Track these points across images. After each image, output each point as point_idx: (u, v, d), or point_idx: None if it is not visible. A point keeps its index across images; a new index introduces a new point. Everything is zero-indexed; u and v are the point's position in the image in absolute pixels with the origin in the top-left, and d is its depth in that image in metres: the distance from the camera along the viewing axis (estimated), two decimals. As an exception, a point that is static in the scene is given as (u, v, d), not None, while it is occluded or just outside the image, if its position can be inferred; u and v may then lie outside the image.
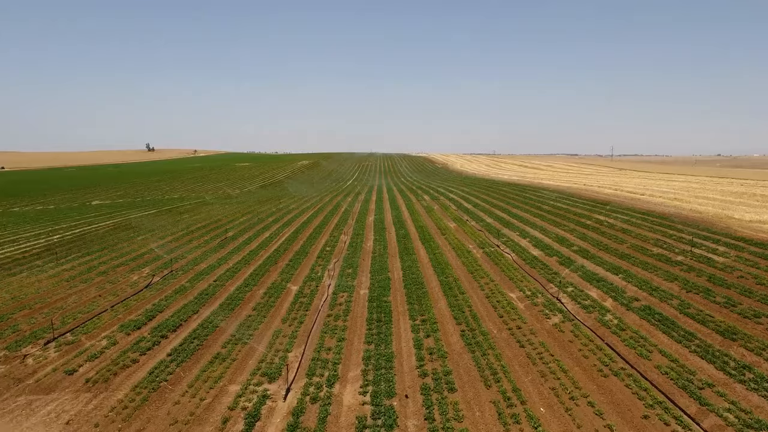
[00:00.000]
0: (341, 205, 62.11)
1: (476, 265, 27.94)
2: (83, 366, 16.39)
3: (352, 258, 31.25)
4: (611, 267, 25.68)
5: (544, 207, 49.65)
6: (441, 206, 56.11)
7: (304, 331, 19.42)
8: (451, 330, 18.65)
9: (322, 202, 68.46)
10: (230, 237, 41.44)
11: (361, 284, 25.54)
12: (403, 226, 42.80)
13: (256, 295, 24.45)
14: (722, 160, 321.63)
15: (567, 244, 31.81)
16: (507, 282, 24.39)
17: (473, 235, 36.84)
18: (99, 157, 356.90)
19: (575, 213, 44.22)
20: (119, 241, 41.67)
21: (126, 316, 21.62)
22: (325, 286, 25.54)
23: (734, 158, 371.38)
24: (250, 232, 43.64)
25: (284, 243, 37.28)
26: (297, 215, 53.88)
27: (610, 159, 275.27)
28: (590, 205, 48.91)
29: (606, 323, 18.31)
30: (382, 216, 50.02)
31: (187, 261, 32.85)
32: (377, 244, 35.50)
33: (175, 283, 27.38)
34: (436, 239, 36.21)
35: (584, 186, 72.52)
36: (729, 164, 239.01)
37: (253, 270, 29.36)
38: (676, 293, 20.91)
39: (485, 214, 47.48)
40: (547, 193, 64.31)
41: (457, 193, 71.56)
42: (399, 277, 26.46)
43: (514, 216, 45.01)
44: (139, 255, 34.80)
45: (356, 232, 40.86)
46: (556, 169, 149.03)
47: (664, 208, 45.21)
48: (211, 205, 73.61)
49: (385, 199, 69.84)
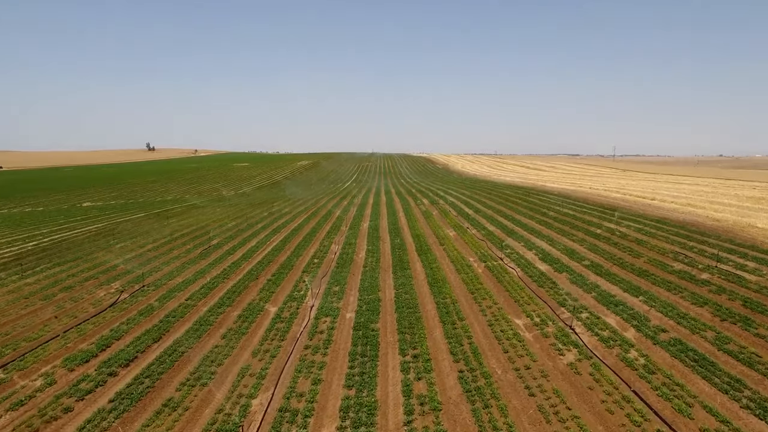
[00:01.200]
0: (336, 210, 59.32)
1: (477, 282, 25.11)
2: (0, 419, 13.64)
3: (341, 273, 28.44)
4: (629, 286, 22.82)
5: (549, 213, 46.77)
6: (440, 211, 53.27)
7: (276, 367, 16.63)
8: (447, 369, 15.84)
9: (317, 206, 65.68)
10: (214, 245, 38.70)
11: (347, 306, 22.72)
12: (398, 235, 39.97)
13: (229, 319, 21.67)
14: (724, 161, 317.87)
15: (577, 258, 28.95)
16: (512, 305, 21.55)
17: (474, 246, 34.00)
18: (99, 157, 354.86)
19: (583, 220, 41.33)
20: (96, 250, 38.95)
21: (76, 345, 18.87)
22: (307, 307, 22.74)
23: (736, 159, 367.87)
24: (237, 239, 40.89)
25: (270, 253, 34.50)
26: (289, 220, 51.11)
27: (612, 159, 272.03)
28: (598, 211, 46.03)
29: (631, 363, 15.47)
30: (378, 222, 47.20)
31: (163, 274, 30.11)
32: (370, 255, 32.68)
33: (143, 301, 24.62)
34: (434, 250, 33.38)
35: (590, 189, 69.60)
36: (731, 165, 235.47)
37: (231, 286, 26.59)
38: (709, 322, 18.05)
39: (487, 221, 44.62)
40: (552, 197, 61.42)
41: (457, 197, 68.69)
42: (391, 297, 23.64)
43: (518, 223, 42.14)
44: (113, 266, 32.06)
45: (348, 240, 38.05)
46: (558, 170, 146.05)
47: (678, 214, 42.32)
48: (201, 208, 70.91)
49: (382, 202, 67.02)
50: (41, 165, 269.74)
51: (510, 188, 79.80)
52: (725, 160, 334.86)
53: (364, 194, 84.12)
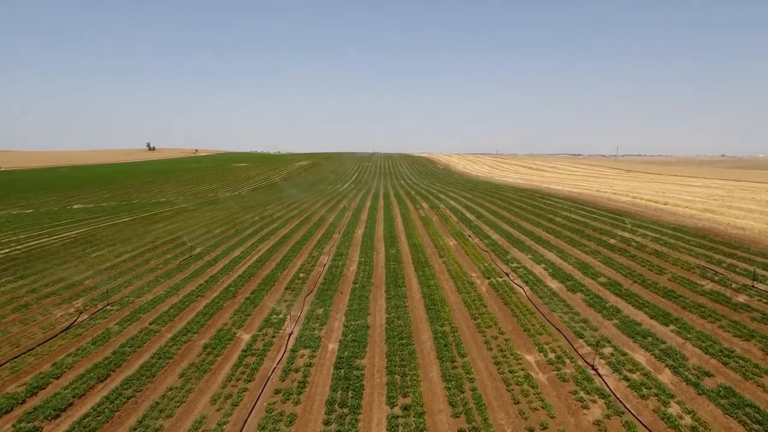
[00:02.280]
0: (330, 215, 56.33)
1: (481, 304, 22.08)
2: None
3: (328, 291, 25.43)
4: (656, 311, 19.77)
5: (556, 219, 43.69)
6: (440, 217, 50.21)
7: (237, 421, 13.65)
8: (445, 427, 12.83)
9: (312, 210, 62.72)
10: (196, 255, 35.77)
11: (331, 334, 19.73)
12: (394, 244, 36.93)
13: (194, 350, 18.71)
14: (727, 161, 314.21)
15: (592, 274, 25.90)
16: (521, 335, 18.53)
17: (477, 258, 30.96)
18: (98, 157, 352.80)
19: (594, 228, 38.24)
20: (69, 260, 36.08)
21: (4, 387, 15.92)
22: (285, 335, 19.76)
23: (739, 159, 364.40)
24: (221, 248, 37.95)
25: (253, 265, 31.53)
26: (280, 226, 48.16)
27: (615, 160, 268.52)
28: (609, 218, 42.93)
29: (674, 422, 12.43)
30: (373, 229, 44.18)
31: (133, 289, 27.20)
32: (362, 269, 29.68)
33: (101, 324, 21.68)
34: (433, 263, 30.36)
35: (597, 192, 66.45)
36: (735, 165, 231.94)
37: (203, 306, 23.63)
38: (763, 363, 15.02)
39: (490, 228, 41.56)
40: (558, 200, 58.30)
41: (458, 200, 65.63)
42: (381, 323, 20.64)
43: (524, 231, 39.05)
44: (80, 281, 29.14)
45: (340, 251, 35.04)
46: (561, 170, 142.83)
47: (697, 221, 39.22)
48: (191, 212, 68.03)
49: (379, 206, 64.01)
50: (40, 165, 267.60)
51: (513, 190, 76.71)
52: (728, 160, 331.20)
53: (362, 197, 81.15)
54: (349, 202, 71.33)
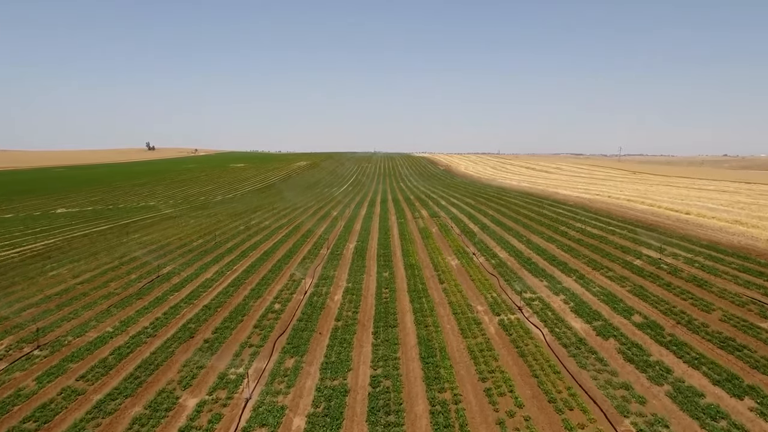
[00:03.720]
0: (322, 223, 51.99)
1: (490, 356, 17.67)
2: None
3: (305, 330, 21.05)
4: (720, 373, 15.30)
5: (570, 233, 39.24)
6: (441, 228, 45.80)
7: None
8: None
9: (303, 216, 58.39)
10: (163, 276, 31.46)
11: (299, 401, 15.34)
12: (388, 263, 32.52)
13: (119, 424, 14.34)
14: (730, 161, 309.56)
15: (623, 310, 21.46)
16: (545, 408, 14.12)
17: (483, 285, 26.54)
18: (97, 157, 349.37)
19: (615, 244, 33.78)
20: (18, 281, 31.81)
21: None
22: (240, 400, 15.39)
23: (741, 159, 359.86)
24: (194, 266, 33.64)
25: (224, 292, 27.19)
26: (264, 238, 43.83)
27: (618, 160, 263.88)
28: (629, 230, 38.48)
29: None
30: (366, 243, 39.79)
31: (76, 324, 22.87)
32: (348, 299, 25.29)
33: (16, 379, 17.32)
34: (431, 291, 25.95)
35: (609, 199, 61.96)
36: (739, 165, 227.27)
37: (150, 353, 19.25)
38: None
39: (497, 244, 37.12)
40: (568, 208, 53.83)
41: (460, 207, 61.21)
42: (364, 384, 16.23)
43: (536, 248, 34.60)
44: (15, 312, 24.80)
45: (326, 272, 30.67)
46: (565, 172, 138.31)
47: (731, 237, 34.75)
48: (174, 219, 63.71)
49: (375, 214, 59.61)
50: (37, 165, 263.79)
51: (519, 196, 72.27)
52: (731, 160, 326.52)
53: (358, 202, 76.78)
54: (344, 208, 66.96)
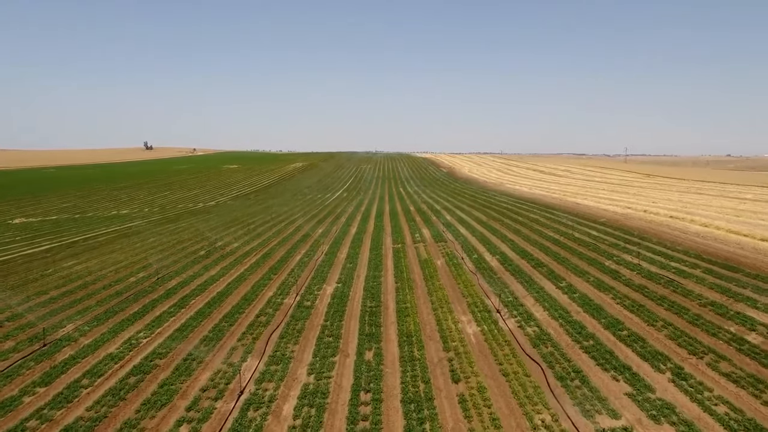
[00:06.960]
0: (299, 248, 42.07)
1: None
2: None
3: None
4: None
5: (622, 272, 29.20)
6: (449, 260, 35.78)
7: None
8: None
9: (281, 236, 48.49)
10: (52, 344, 21.64)
11: None
12: (375, 332, 22.42)
13: None
14: (734, 161, 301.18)
15: None
16: None
17: (522, 386, 16.54)
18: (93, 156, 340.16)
19: (701, 299, 23.61)
20: None
21: None
22: None
23: (746, 159, 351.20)
24: (105, 324, 23.89)
25: (112, 390, 17.26)
26: (223, 272, 33.97)
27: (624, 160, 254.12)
28: (706, 270, 28.31)
29: None
30: (349, 288, 29.77)
31: None
32: (304, 415, 15.29)
33: None
34: (440, 400, 15.94)
35: (645, 214, 51.84)
36: (744, 166, 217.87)
37: None
38: None
39: (527, 292, 27.05)
40: (606, 230, 43.59)
41: (470, 225, 51.18)
42: None
43: (584, 302, 24.48)
44: None
45: (280, 352, 20.65)
46: (576, 175, 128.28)
47: None
48: (134, 236, 53.73)
49: (368, 234, 49.62)
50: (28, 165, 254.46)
51: (536, 209, 62.21)
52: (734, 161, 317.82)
53: (350, 215, 66.78)
54: (331, 225, 56.91)
